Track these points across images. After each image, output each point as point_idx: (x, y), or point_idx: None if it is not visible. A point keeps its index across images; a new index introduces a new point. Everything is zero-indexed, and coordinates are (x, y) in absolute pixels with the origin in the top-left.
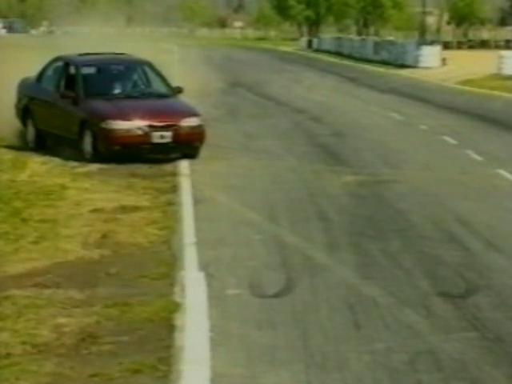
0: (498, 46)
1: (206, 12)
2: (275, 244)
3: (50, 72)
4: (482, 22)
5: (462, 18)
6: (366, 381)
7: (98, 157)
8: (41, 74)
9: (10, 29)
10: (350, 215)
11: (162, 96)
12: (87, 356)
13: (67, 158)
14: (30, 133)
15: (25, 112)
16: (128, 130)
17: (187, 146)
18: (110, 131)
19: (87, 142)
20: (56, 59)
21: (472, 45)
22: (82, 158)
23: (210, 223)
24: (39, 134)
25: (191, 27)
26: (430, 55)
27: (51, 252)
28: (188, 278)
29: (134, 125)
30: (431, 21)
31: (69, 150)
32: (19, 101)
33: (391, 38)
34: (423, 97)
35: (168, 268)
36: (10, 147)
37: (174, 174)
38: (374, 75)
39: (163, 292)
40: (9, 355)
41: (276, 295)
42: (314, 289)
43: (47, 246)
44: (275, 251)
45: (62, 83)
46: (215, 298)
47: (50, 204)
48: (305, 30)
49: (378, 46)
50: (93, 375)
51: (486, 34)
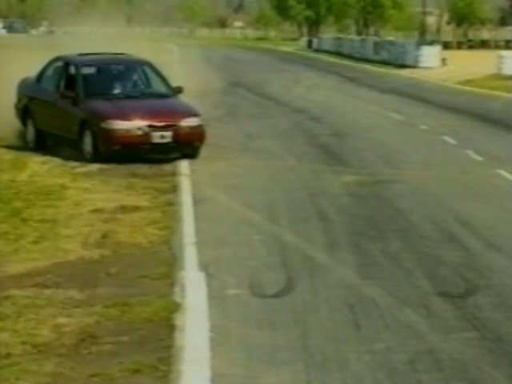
0: (498, 46)
1: (206, 12)
2: (275, 244)
3: (49, 72)
4: (482, 22)
5: (461, 17)
6: (366, 381)
7: (98, 157)
8: (41, 74)
9: (10, 29)
10: (350, 215)
11: (162, 96)
12: (87, 356)
13: (67, 158)
14: (30, 133)
15: (25, 112)
16: (128, 130)
17: (187, 145)
18: (110, 131)
19: (87, 142)
20: (56, 59)
21: (472, 45)
22: (81, 158)
23: (210, 223)
24: (39, 134)
25: (191, 27)
26: (430, 55)
27: (51, 252)
28: (188, 278)
29: (134, 125)
30: (431, 21)
31: (69, 150)
32: (19, 101)
33: (391, 38)
34: (423, 97)
35: (168, 268)
36: (10, 147)
37: (174, 173)
38: (373, 75)
39: (163, 292)
40: (9, 355)
41: (276, 295)
42: (313, 289)
43: (47, 246)
44: (275, 251)
45: (62, 83)
46: (215, 298)
47: (50, 204)
48: (305, 30)
49: (377, 46)
50: (93, 375)
51: (486, 33)
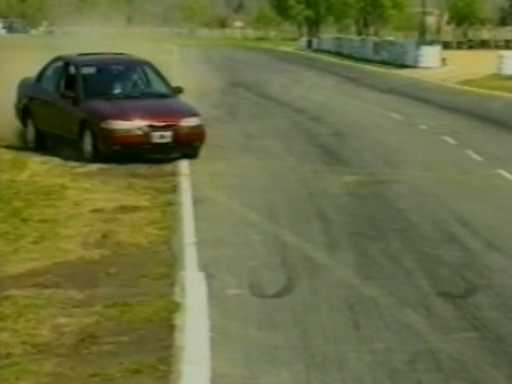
0: (497, 46)
1: (206, 12)
2: (275, 244)
3: (49, 72)
4: (482, 22)
5: (461, 17)
6: (366, 381)
7: (98, 157)
8: (41, 74)
9: (10, 29)
10: (349, 215)
11: (162, 96)
12: (87, 356)
13: (67, 158)
14: (30, 133)
15: (25, 112)
16: (128, 130)
17: (187, 145)
18: (110, 131)
19: (87, 142)
20: (56, 59)
21: (472, 45)
22: (81, 158)
23: (209, 223)
24: (39, 133)
25: (191, 27)
26: (430, 55)
27: (51, 252)
28: (188, 277)
29: (134, 125)
30: (431, 21)
31: (69, 150)
32: (19, 101)
33: (391, 38)
34: (423, 97)
35: (168, 268)
36: (10, 147)
37: (174, 173)
38: (373, 75)
39: (163, 292)
40: (9, 355)
41: (276, 295)
42: (313, 289)
43: (47, 246)
44: (275, 251)
45: (62, 83)
46: (215, 298)
47: (50, 204)
48: (305, 30)
49: (377, 46)
50: (93, 375)
51: (485, 33)
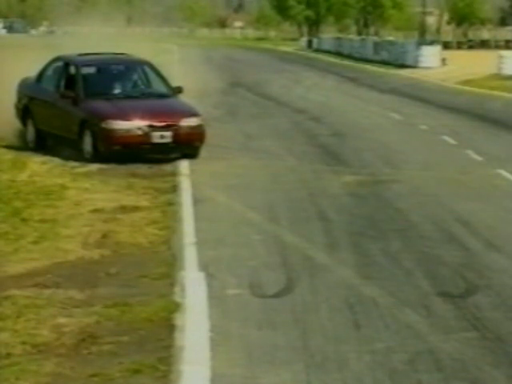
0: (497, 46)
1: (206, 12)
2: (275, 244)
3: (49, 72)
4: (482, 22)
5: (461, 17)
6: (366, 381)
7: (98, 157)
8: (41, 74)
9: (10, 29)
10: (349, 215)
11: (161, 96)
12: (87, 356)
13: (67, 158)
14: (30, 133)
15: (25, 112)
16: (128, 130)
17: (187, 145)
18: (110, 131)
19: (87, 142)
20: (56, 59)
21: (472, 45)
22: (81, 158)
23: (209, 223)
24: (39, 133)
25: (191, 27)
26: (430, 55)
27: (51, 252)
28: (188, 278)
29: (134, 125)
30: (431, 21)
31: (69, 150)
32: (19, 101)
33: (391, 38)
34: (423, 97)
35: (168, 268)
36: (10, 147)
37: (174, 173)
38: (373, 75)
39: (163, 292)
40: (9, 355)
41: (276, 295)
42: (314, 289)
43: (47, 246)
44: (275, 251)
45: (62, 83)
46: (215, 297)
47: (50, 204)
48: (305, 30)
49: (377, 46)
50: (93, 375)
51: (486, 33)
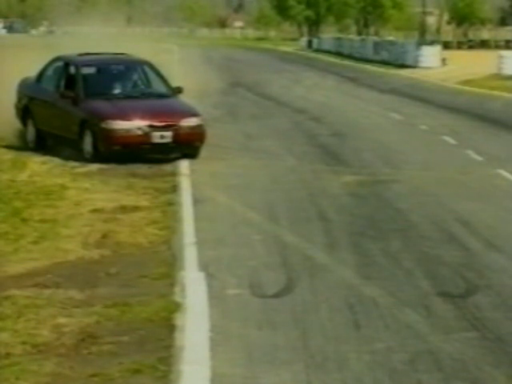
0: (498, 46)
1: (206, 12)
2: (275, 244)
3: (49, 72)
4: (482, 22)
5: (462, 17)
6: (366, 381)
7: (98, 157)
8: (41, 74)
9: (10, 29)
10: (349, 215)
11: (162, 96)
12: (87, 356)
13: (67, 158)
14: (30, 133)
15: (25, 112)
16: (128, 130)
17: (187, 146)
18: (110, 131)
19: (87, 142)
20: (56, 59)
21: (472, 45)
22: (81, 157)
23: (209, 223)
24: (39, 133)
25: (191, 27)
26: (430, 55)
27: (51, 252)
28: (188, 277)
29: (134, 125)
30: (431, 21)
31: (69, 150)
32: (19, 101)
33: (391, 38)
34: (423, 97)
35: (168, 268)
36: (10, 147)
37: (174, 173)
38: (374, 75)
39: (163, 292)
40: (9, 355)
41: (276, 295)
42: (314, 289)
43: (47, 246)
44: (275, 251)
45: (62, 83)
46: (215, 297)
47: (50, 204)
48: (305, 30)
49: (377, 46)
50: (93, 375)
51: (486, 33)
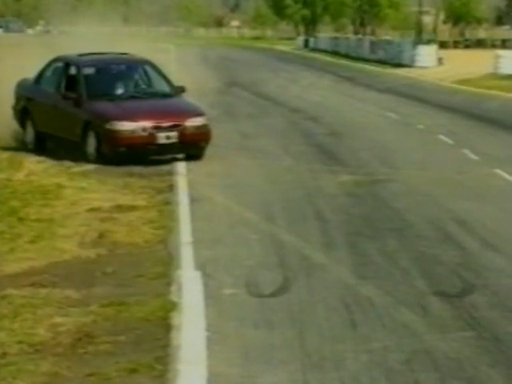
0: (494, 46)
1: (203, 11)
2: (272, 243)
3: (49, 73)
4: (479, 22)
5: (458, 17)
6: (362, 380)
7: (102, 159)
8: (40, 75)
9: (6, 28)
10: (346, 215)
11: (165, 96)
12: (84, 355)
13: (65, 158)
14: (29, 135)
15: (23, 114)
16: (133, 131)
17: (193, 146)
18: (115, 132)
19: (91, 144)
20: (55, 60)
21: (468, 44)
22: (85, 160)
23: (206, 222)
24: (39, 136)
25: (188, 27)
26: (427, 54)
27: (48, 251)
28: (185, 277)
29: (139, 126)
30: (428, 20)
31: (71, 152)
32: (17, 102)
33: (388, 38)
34: (420, 96)
35: (165, 267)
36: (7, 147)
37: (171, 173)
38: (370, 75)
39: (160, 291)
40: (5, 355)
41: (273, 294)
42: (310, 288)
43: (44, 246)
44: (272, 251)
45: (63, 84)
46: (212, 297)
47: (46, 203)
48: (301, 29)
49: (374, 46)
50: (89, 375)
51: (482, 33)
